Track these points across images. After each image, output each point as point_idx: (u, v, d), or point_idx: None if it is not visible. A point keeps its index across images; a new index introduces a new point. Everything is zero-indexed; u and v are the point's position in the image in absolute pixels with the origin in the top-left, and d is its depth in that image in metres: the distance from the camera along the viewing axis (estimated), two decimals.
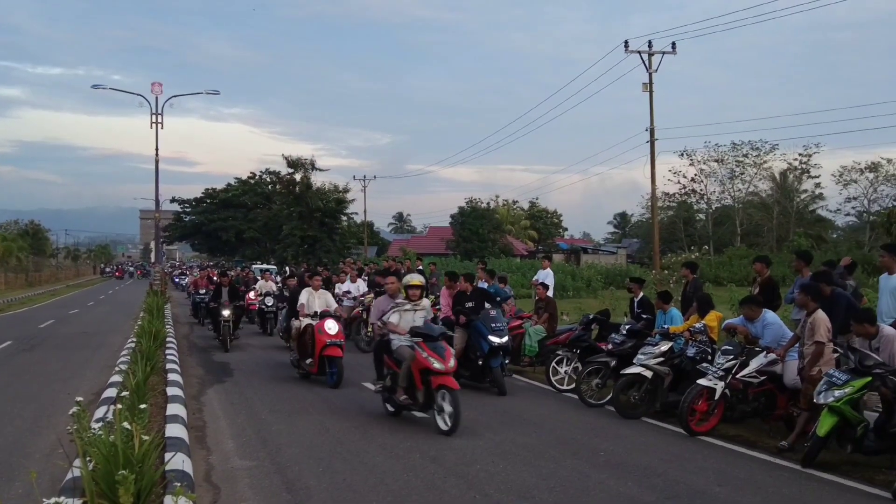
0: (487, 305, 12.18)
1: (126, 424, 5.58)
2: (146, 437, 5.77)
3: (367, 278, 20.06)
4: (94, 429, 5.64)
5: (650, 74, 26.16)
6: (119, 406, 5.82)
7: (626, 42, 26.39)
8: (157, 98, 29.84)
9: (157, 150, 29.32)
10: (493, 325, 11.69)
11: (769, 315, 9.18)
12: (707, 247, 55.89)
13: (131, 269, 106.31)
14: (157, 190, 30.32)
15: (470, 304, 12.10)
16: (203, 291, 24.10)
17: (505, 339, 11.70)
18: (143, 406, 5.99)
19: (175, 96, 31.59)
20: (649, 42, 26.32)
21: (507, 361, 12.09)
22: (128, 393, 7.80)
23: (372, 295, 17.05)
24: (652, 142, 26.85)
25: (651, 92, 26.45)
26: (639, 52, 26.31)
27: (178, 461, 6.27)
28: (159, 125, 29.08)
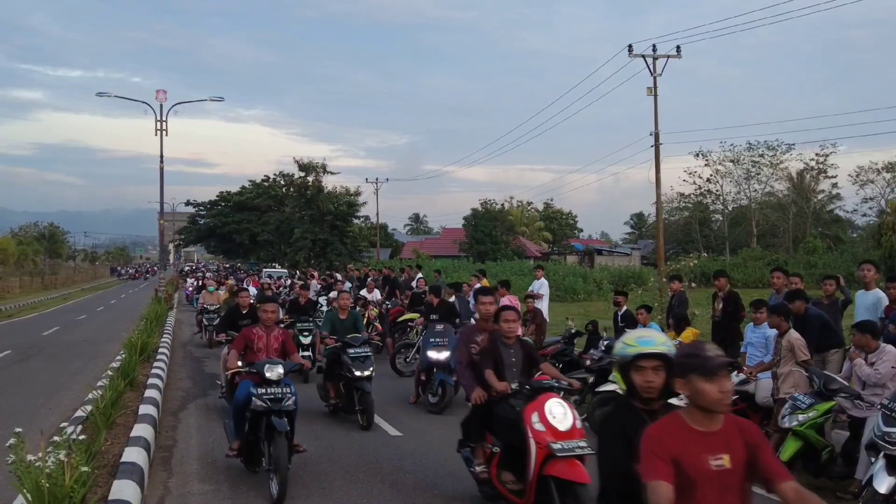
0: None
1: (62, 456, 5.53)
2: (85, 469, 5.73)
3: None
4: (30, 459, 5.59)
5: (654, 79, 25.88)
6: (57, 438, 5.77)
7: (630, 46, 26.17)
8: (161, 105, 30.02)
9: (161, 156, 29.47)
10: (431, 339, 11.14)
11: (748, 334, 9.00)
12: (705, 253, 55.53)
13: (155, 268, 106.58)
14: (161, 196, 30.46)
15: (434, 317, 11.95)
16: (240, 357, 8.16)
17: (444, 354, 10.81)
18: (81, 437, 5.95)
19: (179, 103, 31.88)
20: (653, 46, 26.07)
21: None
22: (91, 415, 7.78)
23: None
24: (657, 146, 26.56)
25: (655, 96, 26.20)
26: (643, 56, 26.04)
27: (123, 490, 6.23)
28: (164, 132, 29.27)
